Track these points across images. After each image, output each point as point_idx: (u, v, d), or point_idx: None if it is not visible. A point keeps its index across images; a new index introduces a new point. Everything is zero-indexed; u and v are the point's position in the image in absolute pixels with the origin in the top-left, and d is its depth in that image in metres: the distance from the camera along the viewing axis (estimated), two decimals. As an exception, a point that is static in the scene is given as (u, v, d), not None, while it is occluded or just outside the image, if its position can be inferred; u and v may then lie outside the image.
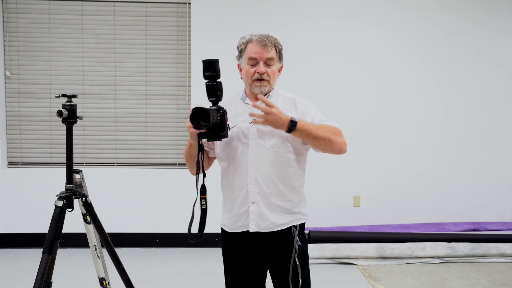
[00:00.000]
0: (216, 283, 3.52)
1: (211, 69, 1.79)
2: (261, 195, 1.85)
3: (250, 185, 1.84)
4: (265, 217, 1.85)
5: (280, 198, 1.86)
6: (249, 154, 1.84)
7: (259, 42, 1.83)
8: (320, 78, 4.32)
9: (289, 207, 1.88)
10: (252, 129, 1.85)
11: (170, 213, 4.33)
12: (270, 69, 1.85)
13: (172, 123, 4.42)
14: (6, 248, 4.26)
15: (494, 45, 4.44)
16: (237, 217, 1.90)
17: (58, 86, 4.31)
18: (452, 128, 4.48)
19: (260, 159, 1.83)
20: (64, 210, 2.14)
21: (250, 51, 1.84)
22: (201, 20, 4.26)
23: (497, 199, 4.52)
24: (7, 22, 4.27)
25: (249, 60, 1.85)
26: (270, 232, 1.86)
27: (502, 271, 3.75)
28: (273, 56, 1.85)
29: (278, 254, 1.89)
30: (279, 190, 1.85)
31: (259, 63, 1.83)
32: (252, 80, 1.85)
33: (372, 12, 4.34)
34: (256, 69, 1.83)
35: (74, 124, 2.21)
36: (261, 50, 1.83)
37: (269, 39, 1.85)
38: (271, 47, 1.85)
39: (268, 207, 1.85)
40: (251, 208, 1.85)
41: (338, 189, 4.36)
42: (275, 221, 1.86)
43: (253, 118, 1.73)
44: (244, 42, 1.88)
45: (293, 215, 1.89)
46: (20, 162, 4.37)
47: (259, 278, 1.96)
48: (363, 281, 3.56)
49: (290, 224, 1.88)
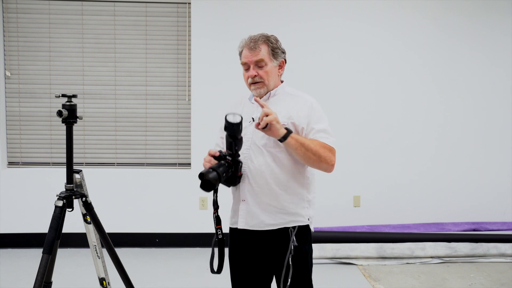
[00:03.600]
0: (216, 283, 3.52)
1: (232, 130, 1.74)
2: (251, 193, 1.86)
3: (242, 183, 1.86)
4: (254, 215, 1.86)
5: (271, 197, 1.85)
6: (243, 152, 1.85)
7: (247, 46, 1.87)
8: (320, 78, 4.31)
9: (283, 207, 1.85)
10: (250, 128, 1.86)
11: (170, 213, 4.34)
12: (262, 70, 1.86)
13: (172, 123, 4.42)
14: (6, 248, 4.26)
15: (494, 45, 4.44)
16: (233, 212, 1.95)
17: (58, 86, 4.31)
18: (452, 128, 4.48)
19: (252, 158, 1.85)
20: (64, 210, 2.14)
21: (242, 56, 1.89)
22: (201, 20, 4.26)
23: (497, 199, 4.52)
24: (7, 22, 4.27)
25: (243, 65, 1.90)
26: (266, 231, 1.86)
27: (502, 271, 3.75)
28: (263, 57, 1.85)
29: (275, 254, 1.88)
30: (271, 189, 1.84)
31: (250, 66, 1.86)
32: (248, 84, 1.90)
33: (372, 12, 4.34)
34: (248, 74, 1.87)
35: (74, 124, 2.21)
36: (249, 54, 1.85)
37: (257, 41, 1.85)
38: (260, 47, 1.85)
39: (259, 205, 1.85)
40: (241, 205, 1.88)
41: (338, 189, 4.36)
42: (264, 220, 1.85)
43: (251, 117, 1.79)
44: (241, 46, 1.91)
45: (289, 216, 1.86)
46: (20, 162, 4.37)
47: (262, 277, 1.95)
48: (363, 281, 3.56)
49: (284, 225, 1.86)
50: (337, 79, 4.35)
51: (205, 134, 4.05)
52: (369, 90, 4.39)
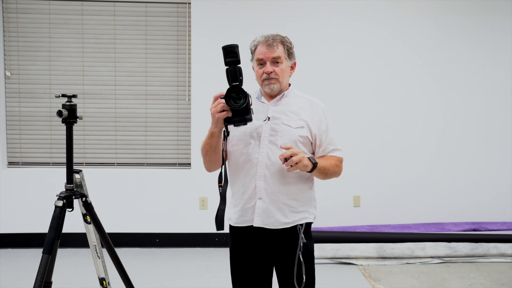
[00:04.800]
0: (216, 283, 3.52)
1: (232, 54, 1.78)
2: (268, 192, 1.87)
3: (259, 181, 1.87)
4: (270, 214, 1.87)
5: (287, 196, 1.88)
6: (260, 151, 1.86)
7: (265, 43, 1.88)
8: (320, 78, 4.31)
9: (295, 205, 1.90)
10: (266, 127, 1.88)
11: (170, 213, 4.34)
12: (278, 68, 1.89)
13: (172, 123, 4.42)
14: (6, 248, 4.26)
15: (494, 45, 4.44)
16: (243, 211, 1.91)
17: (58, 86, 4.31)
18: (452, 128, 4.48)
19: (270, 157, 1.86)
20: (64, 210, 2.14)
21: (258, 52, 1.90)
22: (201, 20, 4.26)
23: (497, 199, 4.52)
24: (7, 22, 4.27)
25: (257, 61, 1.90)
26: (275, 229, 1.88)
27: (502, 271, 3.75)
28: (280, 55, 1.88)
29: (283, 251, 1.91)
30: (287, 188, 1.87)
31: (266, 63, 1.88)
32: (261, 80, 1.90)
33: (372, 12, 4.34)
34: (264, 69, 1.88)
35: (74, 124, 2.21)
36: (267, 50, 1.87)
37: (275, 38, 1.89)
38: (278, 45, 1.88)
39: (274, 204, 1.87)
40: (258, 203, 1.88)
41: (338, 189, 4.36)
42: (279, 219, 1.88)
43: (267, 116, 1.88)
44: (255, 44, 1.93)
45: (299, 214, 1.91)
46: (20, 162, 4.37)
47: (264, 274, 1.96)
48: (363, 281, 3.56)
49: (296, 223, 1.90)
50: (337, 79, 4.35)
51: (205, 134, 4.04)
52: (369, 90, 4.39)
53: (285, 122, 1.88)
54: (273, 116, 1.89)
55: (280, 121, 1.88)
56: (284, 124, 1.87)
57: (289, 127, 1.87)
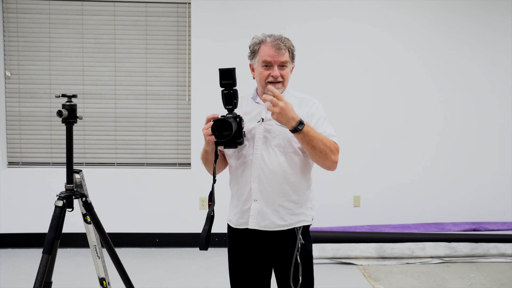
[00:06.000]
0: (216, 283, 3.52)
1: (228, 77, 1.76)
2: (263, 193, 1.85)
3: (253, 183, 1.85)
4: (265, 216, 1.86)
5: (283, 198, 1.86)
6: (254, 152, 1.85)
7: (274, 46, 1.83)
8: (320, 78, 4.32)
9: (292, 207, 1.87)
10: (259, 128, 1.87)
11: (170, 213, 4.34)
12: (284, 71, 1.85)
13: (172, 123, 4.42)
14: (6, 248, 4.26)
15: (494, 45, 4.44)
16: (241, 213, 1.91)
17: (58, 86, 4.31)
18: (452, 128, 4.48)
19: (264, 158, 1.85)
20: (64, 210, 2.14)
21: (265, 54, 1.83)
22: (201, 20, 4.26)
23: (497, 199, 4.52)
24: (7, 22, 4.27)
25: (263, 63, 1.85)
26: (272, 231, 1.87)
27: (502, 271, 3.75)
28: (287, 59, 1.85)
29: (281, 253, 1.90)
30: (283, 189, 1.85)
31: (274, 66, 1.84)
32: (265, 82, 1.85)
33: (372, 12, 4.34)
34: (271, 73, 1.84)
35: (74, 124, 2.21)
36: (276, 53, 1.82)
37: (284, 42, 1.85)
38: (285, 50, 1.85)
39: (270, 206, 1.85)
40: (253, 205, 1.86)
41: (338, 189, 4.36)
42: (275, 221, 1.86)
43: (261, 117, 1.82)
44: (257, 43, 1.87)
45: (296, 216, 1.89)
46: (20, 162, 4.37)
47: (263, 275, 1.96)
48: (363, 281, 3.56)
49: (292, 226, 1.88)
50: (337, 79, 4.35)
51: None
52: (369, 90, 4.39)
53: (278, 123, 1.81)
54: (267, 117, 1.86)
55: (274, 122, 1.82)
56: (278, 125, 1.81)
57: (282, 127, 1.81)
